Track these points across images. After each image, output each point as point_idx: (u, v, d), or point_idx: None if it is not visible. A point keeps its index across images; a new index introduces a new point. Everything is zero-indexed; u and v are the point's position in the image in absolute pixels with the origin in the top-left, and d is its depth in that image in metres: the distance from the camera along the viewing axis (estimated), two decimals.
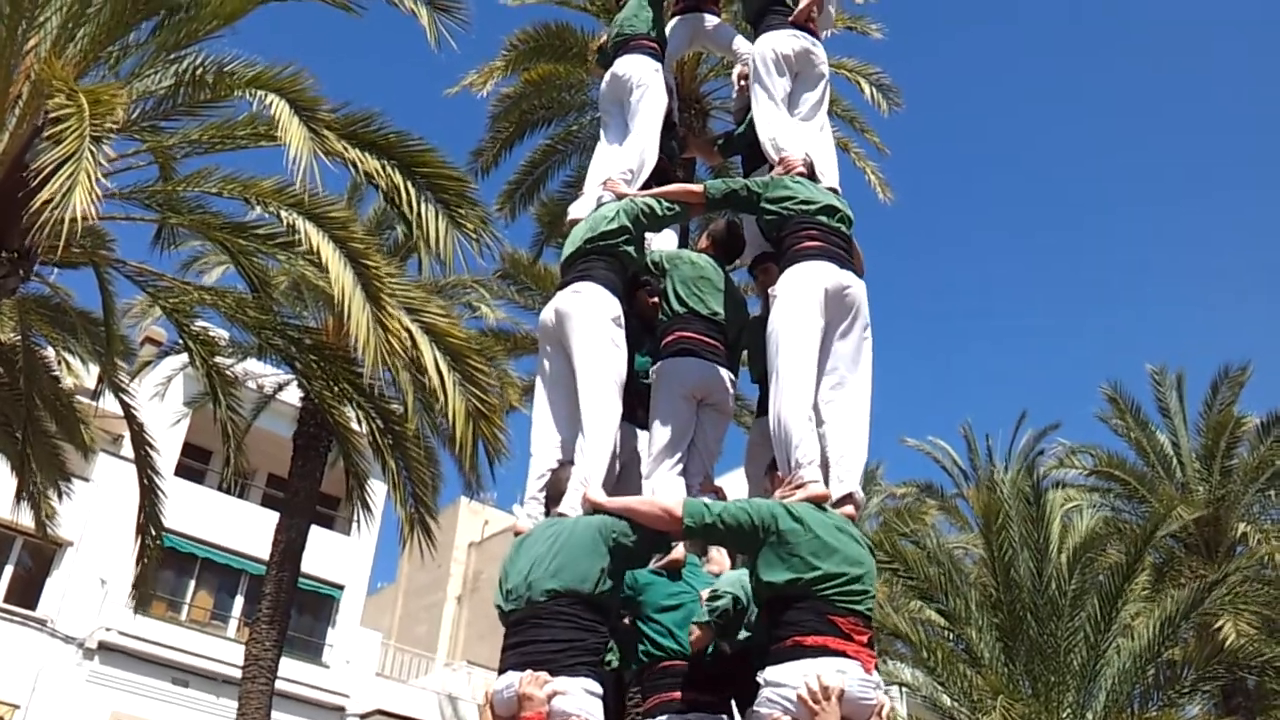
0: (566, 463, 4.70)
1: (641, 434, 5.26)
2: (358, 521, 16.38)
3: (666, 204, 5.31)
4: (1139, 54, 78.96)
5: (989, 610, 13.07)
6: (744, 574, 4.49)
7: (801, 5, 5.98)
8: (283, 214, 9.03)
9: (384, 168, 8.80)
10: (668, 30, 6.76)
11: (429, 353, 9.47)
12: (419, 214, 8.82)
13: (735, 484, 5.52)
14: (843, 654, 3.78)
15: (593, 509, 4.31)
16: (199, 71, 8.90)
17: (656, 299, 5.45)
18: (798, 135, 5.58)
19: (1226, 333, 72.06)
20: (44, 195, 6.83)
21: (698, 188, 5.39)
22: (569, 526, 4.24)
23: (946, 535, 19.91)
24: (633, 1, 6.36)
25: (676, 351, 5.12)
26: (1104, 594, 12.67)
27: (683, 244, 6.38)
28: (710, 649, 4.50)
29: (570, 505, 4.44)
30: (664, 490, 4.77)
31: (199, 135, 9.51)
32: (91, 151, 7.04)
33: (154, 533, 12.91)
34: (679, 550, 4.72)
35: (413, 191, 8.82)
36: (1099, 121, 78.67)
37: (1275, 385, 62.44)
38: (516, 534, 4.55)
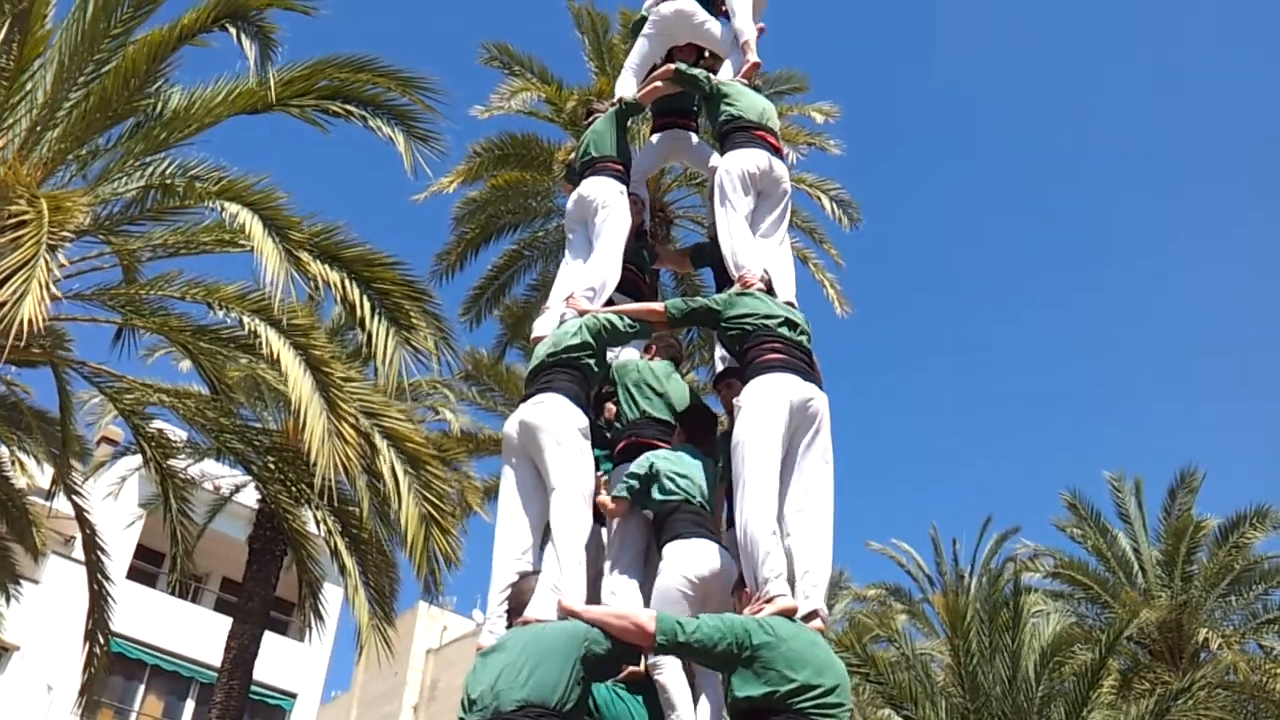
0: (531, 573, 4.64)
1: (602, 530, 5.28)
2: (312, 628, 15.91)
3: (628, 321, 5.37)
4: (1092, 162, 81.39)
5: (957, 717, 12.92)
6: (655, 453, 4.99)
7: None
8: (245, 319, 9.02)
9: (344, 281, 8.86)
10: (645, 144, 6.90)
11: (386, 458, 9.40)
12: (374, 330, 8.86)
13: None
14: None
15: (568, 617, 4.23)
16: (168, 178, 8.93)
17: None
18: (757, 251, 5.72)
19: (1176, 437, 73.08)
20: None
21: (659, 307, 5.50)
22: (539, 632, 4.14)
23: (914, 641, 19.70)
24: (600, 121, 6.51)
25: (632, 456, 5.19)
26: (1070, 701, 12.58)
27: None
28: None
29: (539, 611, 4.36)
30: (619, 592, 4.77)
31: (164, 239, 9.51)
32: (46, 261, 7.07)
33: (102, 640, 12.55)
34: (639, 667, 4.64)
35: (368, 307, 8.87)
36: (1049, 232, 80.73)
37: (1226, 489, 63.18)
38: (479, 650, 4.45)
